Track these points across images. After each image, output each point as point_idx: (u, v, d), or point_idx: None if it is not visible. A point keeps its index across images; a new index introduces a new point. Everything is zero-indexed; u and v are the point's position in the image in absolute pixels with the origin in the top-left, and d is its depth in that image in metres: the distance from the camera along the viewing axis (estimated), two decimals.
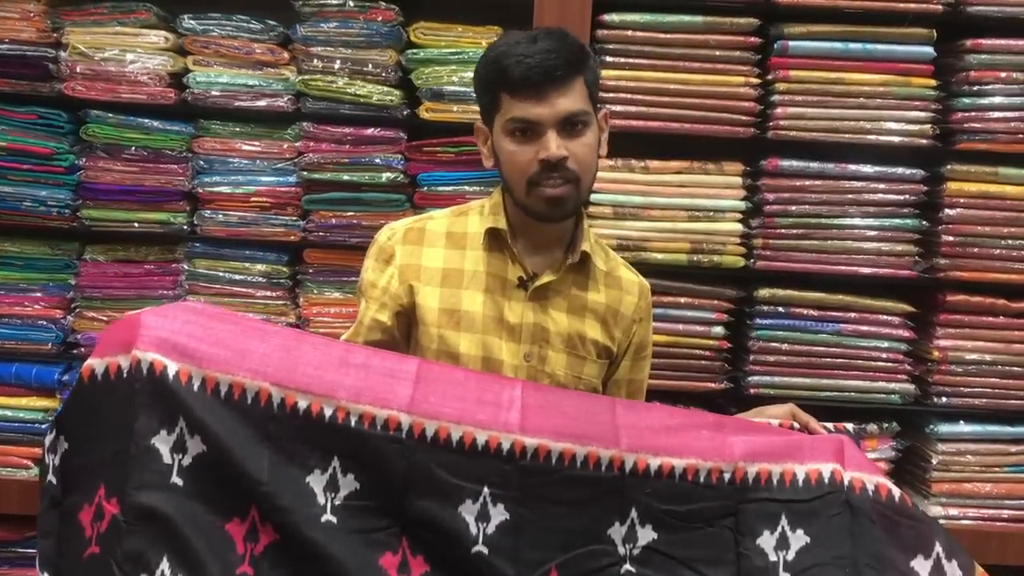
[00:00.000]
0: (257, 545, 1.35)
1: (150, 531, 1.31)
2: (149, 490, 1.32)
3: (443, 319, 1.62)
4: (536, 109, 1.51)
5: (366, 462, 1.39)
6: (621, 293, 1.72)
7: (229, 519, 1.35)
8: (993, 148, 2.40)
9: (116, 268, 2.50)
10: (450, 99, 2.42)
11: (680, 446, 1.47)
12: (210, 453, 1.35)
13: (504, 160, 1.57)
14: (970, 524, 2.43)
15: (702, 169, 2.43)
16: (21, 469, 2.45)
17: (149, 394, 1.35)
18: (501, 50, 1.54)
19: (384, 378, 1.43)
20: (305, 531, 1.34)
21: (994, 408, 2.44)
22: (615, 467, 1.43)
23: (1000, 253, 2.41)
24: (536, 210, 1.57)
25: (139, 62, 2.42)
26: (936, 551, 1.48)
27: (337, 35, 2.42)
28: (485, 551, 1.38)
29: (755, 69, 2.40)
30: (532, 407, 1.45)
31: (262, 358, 1.40)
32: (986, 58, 2.38)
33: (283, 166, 2.47)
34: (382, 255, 1.68)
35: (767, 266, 2.43)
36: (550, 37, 1.54)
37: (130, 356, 1.36)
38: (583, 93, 1.55)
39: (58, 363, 2.50)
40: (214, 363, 1.38)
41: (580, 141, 1.54)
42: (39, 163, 2.44)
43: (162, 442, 1.34)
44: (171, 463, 1.34)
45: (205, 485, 1.35)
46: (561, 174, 1.52)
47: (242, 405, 1.37)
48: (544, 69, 1.49)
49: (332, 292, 2.50)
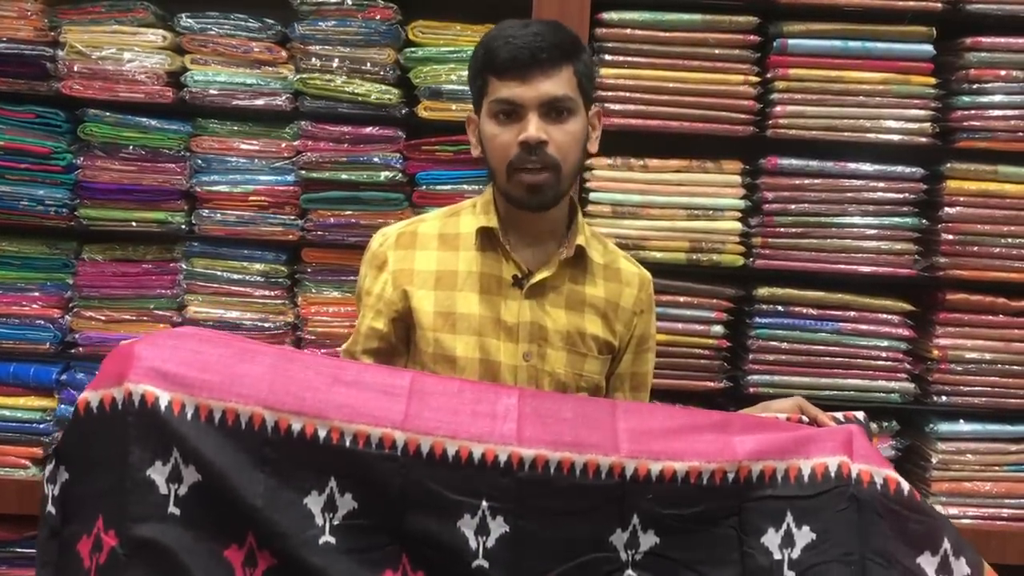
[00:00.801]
0: (256, 571, 1.36)
1: (149, 562, 1.33)
2: (147, 522, 1.34)
3: (439, 322, 1.61)
4: (519, 90, 1.50)
5: (363, 481, 1.38)
6: (621, 286, 1.70)
7: (227, 546, 1.36)
8: (993, 146, 2.40)
9: (114, 267, 2.50)
10: (448, 98, 2.42)
11: (682, 449, 1.45)
12: (205, 481, 1.35)
13: (487, 144, 1.57)
14: (970, 523, 2.42)
15: (701, 168, 2.43)
16: (19, 469, 2.45)
17: (143, 426, 1.36)
18: (492, 34, 1.56)
19: (377, 395, 1.42)
20: (304, 554, 1.35)
21: (994, 407, 2.44)
22: (615, 474, 1.42)
23: (1000, 252, 2.41)
24: (516, 196, 1.55)
25: (137, 61, 2.41)
26: (944, 547, 1.46)
27: (335, 34, 2.41)
28: (486, 564, 1.37)
29: (754, 67, 2.40)
30: (528, 416, 1.44)
31: (254, 382, 1.40)
32: (986, 56, 2.38)
33: (281, 165, 2.47)
34: (375, 261, 1.67)
35: (766, 265, 2.43)
36: (543, 24, 1.56)
37: (123, 388, 1.37)
38: (570, 81, 1.53)
39: (56, 363, 2.49)
40: (206, 390, 1.38)
41: (562, 127, 1.53)
42: (37, 162, 2.44)
43: (157, 473, 1.35)
44: (167, 493, 1.35)
45: (202, 513, 1.35)
46: (540, 158, 1.51)
47: (236, 431, 1.37)
48: (531, 51, 1.49)
49: (331, 291, 2.50)
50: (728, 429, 1.49)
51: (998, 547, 2.39)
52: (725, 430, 1.49)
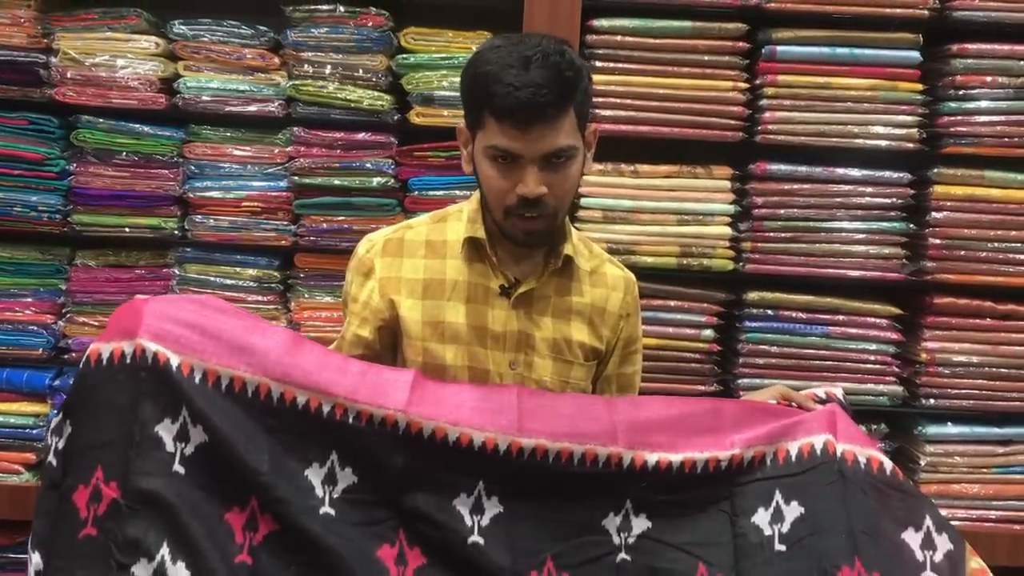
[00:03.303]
0: (256, 535, 1.36)
1: (151, 517, 1.33)
2: (152, 477, 1.34)
3: (427, 332, 1.60)
4: (519, 143, 1.44)
5: (363, 456, 1.41)
6: (607, 291, 1.70)
7: (229, 508, 1.36)
8: (979, 151, 2.42)
9: (107, 273, 2.50)
10: (440, 104, 2.43)
11: (677, 441, 1.49)
12: (212, 443, 1.37)
13: (483, 180, 1.53)
14: (958, 524, 2.43)
15: (691, 173, 2.45)
16: (12, 475, 2.45)
17: (153, 383, 1.37)
18: (491, 70, 1.44)
19: (382, 383, 1.46)
20: (304, 522, 1.36)
21: (981, 409, 2.46)
22: (612, 463, 1.45)
23: (986, 256, 2.43)
24: (511, 237, 1.54)
25: (130, 67, 2.42)
26: (927, 524, 1.51)
27: (328, 40, 2.42)
28: (481, 541, 1.40)
29: (743, 74, 2.42)
30: (528, 410, 1.47)
31: (264, 354, 1.42)
32: (972, 62, 2.40)
33: (274, 171, 2.48)
34: (361, 268, 1.65)
35: (756, 269, 2.45)
36: (544, 65, 1.42)
37: (134, 344, 1.38)
38: (571, 125, 1.47)
39: (49, 368, 2.50)
40: (215, 356, 1.40)
41: (562, 174, 1.49)
42: (30, 168, 2.44)
43: (165, 431, 1.36)
44: (174, 451, 1.36)
45: (206, 474, 1.36)
46: (539, 210, 1.49)
47: (243, 398, 1.39)
48: (534, 105, 1.41)
49: (323, 296, 2.51)
50: (720, 418, 1.53)
51: (986, 548, 2.38)
52: (717, 419, 1.53)
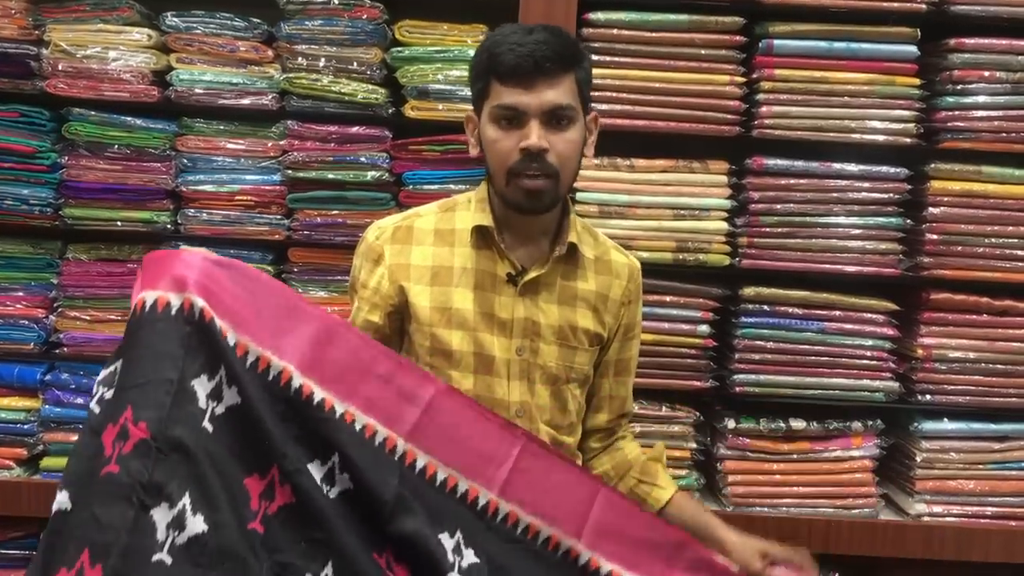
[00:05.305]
0: (272, 504, 1.36)
1: (179, 465, 1.31)
2: (183, 426, 1.32)
3: (435, 317, 1.64)
4: (523, 97, 1.53)
5: (362, 466, 1.41)
6: (611, 278, 1.74)
7: (249, 474, 1.35)
8: (976, 147, 2.41)
9: (99, 267, 2.48)
10: (435, 97, 2.42)
11: (638, 560, 1.57)
12: (243, 406, 1.36)
13: (487, 147, 1.59)
14: (954, 521, 2.44)
15: (687, 168, 2.44)
16: (3, 470, 2.43)
17: (197, 338, 1.35)
18: (496, 39, 1.57)
19: (399, 397, 1.47)
20: (316, 496, 1.36)
21: (978, 405, 2.46)
22: (571, 556, 1.53)
23: (983, 251, 2.42)
24: (514, 201, 1.59)
25: (122, 60, 2.40)
26: None
27: (322, 33, 2.41)
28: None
29: (740, 68, 2.41)
30: (520, 470, 1.52)
31: (295, 341, 1.41)
32: (969, 57, 2.40)
33: (267, 164, 2.46)
34: (371, 254, 1.69)
35: (752, 264, 2.44)
36: (546, 30, 1.56)
37: (182, 297, 1.36)
38: (572, 89, 1.56)
39: (40, 363, 2.48)
40: (249, 331, 1.38)
41: (563, 136, 1.56)
42: (21, 161, 2.42)
43: (201, 386, 1.34)
44: (205, 408, 1.34)
45: (232, 436, 1.35)
46: (540, 166, 1.54)
47: (263, 379, 1.38)
48: (535, 59, 1.51)
49: (317, 291, 2.49)
50: (680, 554, 1.62)
51: (981, 545, 2.41)
52: (677, 553, 1.61)
